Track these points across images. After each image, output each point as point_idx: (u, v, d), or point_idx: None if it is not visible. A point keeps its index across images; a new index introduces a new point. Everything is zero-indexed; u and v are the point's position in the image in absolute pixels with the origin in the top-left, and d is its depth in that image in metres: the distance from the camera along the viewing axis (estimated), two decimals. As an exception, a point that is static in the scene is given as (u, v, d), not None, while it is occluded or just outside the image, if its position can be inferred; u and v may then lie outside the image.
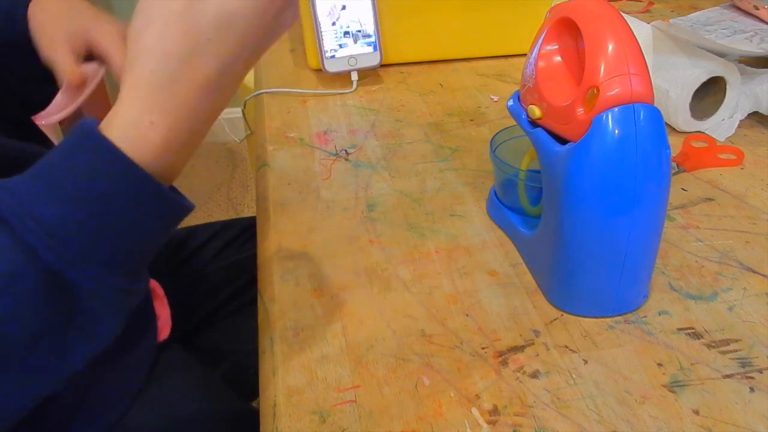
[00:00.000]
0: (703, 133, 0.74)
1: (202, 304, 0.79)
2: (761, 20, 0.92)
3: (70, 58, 0.55)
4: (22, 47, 0.58)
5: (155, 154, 0.36)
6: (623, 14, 0.46)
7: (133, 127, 0.36)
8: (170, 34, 0.36)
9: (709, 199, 0.63)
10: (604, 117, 0.43)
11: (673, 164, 0.68)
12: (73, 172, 0.35)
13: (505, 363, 0.47)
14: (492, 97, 0.84)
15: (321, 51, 0.87)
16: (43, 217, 0.33)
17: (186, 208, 0.38)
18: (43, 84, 0.59)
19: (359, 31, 0.88)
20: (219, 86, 0.38)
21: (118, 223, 0.35)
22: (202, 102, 0.37)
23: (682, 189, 0.65)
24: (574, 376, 0.46)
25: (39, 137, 0.61)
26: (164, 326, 0.64)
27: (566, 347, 0.48)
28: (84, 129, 0.36)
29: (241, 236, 0.86)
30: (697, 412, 0.43)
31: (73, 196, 0.34)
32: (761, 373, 0.46)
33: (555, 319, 0.50)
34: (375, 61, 0.90)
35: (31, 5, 0.57)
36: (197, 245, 0.83)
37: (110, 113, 0.37)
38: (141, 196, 0.36)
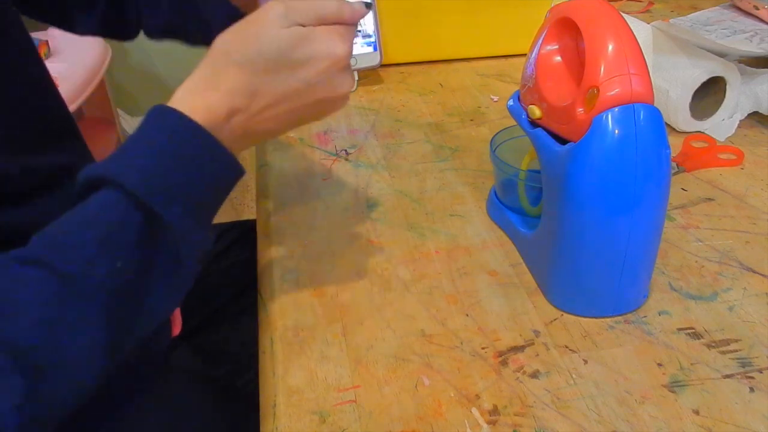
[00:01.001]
0: (703, 133, 0.74)
1: (204, 304, 0.79)
2: (761, 20, 0.92)
3: None
4: None
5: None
6: (623, 14, 0.46)
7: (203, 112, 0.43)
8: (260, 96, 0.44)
9: (709, 199, 0.63)
10: (604, 117, 0.43)
11: (673, 164, 0.68)
12: (158, 138, 0.41)
13: (505, 363, 0.47)
14: (492, 97, 0.84)
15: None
16: (142, 167, 0.40)
17: (240, 170, 0.44)
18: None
19: (359, 31, 0.88)
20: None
21: (193, 174, 0.41)
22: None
23: (682, 189, 0.65)
24: (574, 376, 0.46)
25: (72, 149, 0.63)
26: (176, 322, 0.64)
27: (566, 347, 0.48)
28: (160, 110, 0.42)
29: (243, 238, 0.86)
30: (697, 412, 0.43)
31: (163, 152, 0.41)
32: (761, 373, 0.46)
33: (555, 319, 0.50)
34: (375, 61, 0.90)
35: None
36: None
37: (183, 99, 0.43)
38: (211, 154, 0.42)
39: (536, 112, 0.49)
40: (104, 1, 0.69)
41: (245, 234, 0.87)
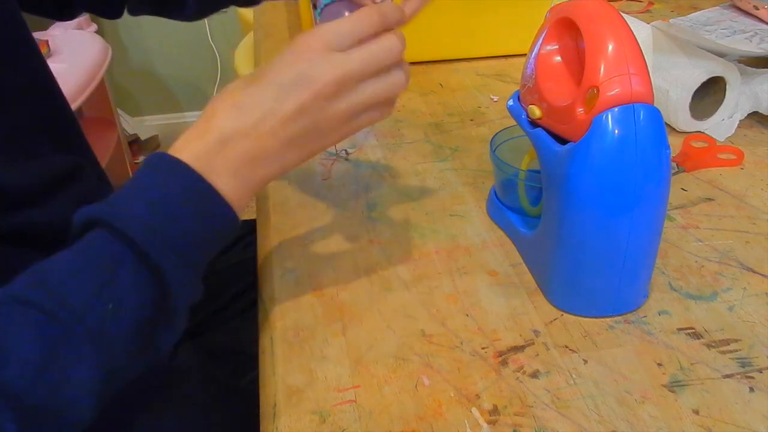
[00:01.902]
0: (703, 133, 0.74)
1: (205, 304, 0.79)
2: (761, 20, 0.92)
3: None
4: None
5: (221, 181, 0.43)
6: (623, 14, 0.46)
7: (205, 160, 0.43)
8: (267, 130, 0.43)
9: (709, 199, 0.63)
10: (604, 117, 0.43)
11: (673, 164, 0.68)
12: (160, 188, 0.41)
13: (505, 363, 0.47)
14: (492, 97, 0.84)
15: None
16: (139, 214, 0.40)
17: (236, 222, 0.44)
18: None
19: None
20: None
21: (191, 224, 0.41)
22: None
23: (682, 189, 0.65)
24: (574, 376, 0.46)
25: (78, 149, 0.64)
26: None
27: (566, 347, 0.48)
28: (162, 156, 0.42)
29: (245, 237, 0.86)
30: (697, 412, 0.43)
31: (158, 201, 0.41)
32: (761, 373, 0.46)
33: (555, 319, 0.50)
34: (375, 61, 0.90)
35: None
36: None
37: (186, 142, 0.43)
38: (208, 207, 0.42)
39: (536, 112, 0.49)
40: None
41: (248, 234, 0.87)
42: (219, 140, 0.42)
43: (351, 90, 0.43)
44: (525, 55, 0.52)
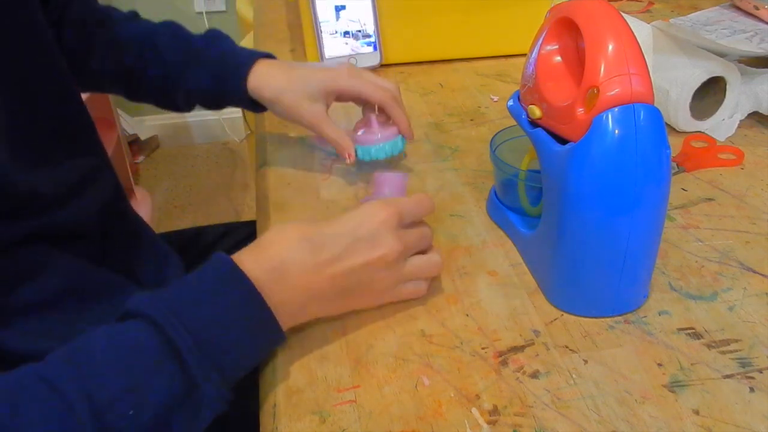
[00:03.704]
0: (703, 133, 0.74)
1: None
2: (761, 20, 0.92)
3: (338, 132, 0.66)
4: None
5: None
6: (623, 14, 0.46)
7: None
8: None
9: (709, 199, 0.63)
10: (604, 117, 0.43)
11: (673, 164, 0.68)
12: (220, 300, 0.43)
13: (505, 363, 0.47)
14: (492, 97, 0.84)
15: (321, 51, 0.87)
16: (194, 328, 0.41)
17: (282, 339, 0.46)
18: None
19: (359, 31, 0.88)
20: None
21: (238, 339, 0.43)
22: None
23: (682, 189, 0.65)
24: (574, 376, 0.46)
25: (96, 150, 0.65)
26: None
27: (566, 347, 0.48)
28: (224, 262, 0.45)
29: (250, 238, 0.86)
30: (697, 412, 0.43)
31: (215, 315, 0.42)
32: (761, 373, 0.46)
33: (555, 319, 0.50)
34: (375, 61, 0.90)
35: (251, 77, 0.67)
36: (207, 244, 0.84)
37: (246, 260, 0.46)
38: (262, 324, 0.44)
39: (536, 112, 0.49)
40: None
41: (249, 236, 0.87)
42: (280, 268, 0.45)
43: (403, 261, 0.49)
44: (525, 55, 0.52)
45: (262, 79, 0.67)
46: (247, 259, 0.45)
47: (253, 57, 0.68)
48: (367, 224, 0.48)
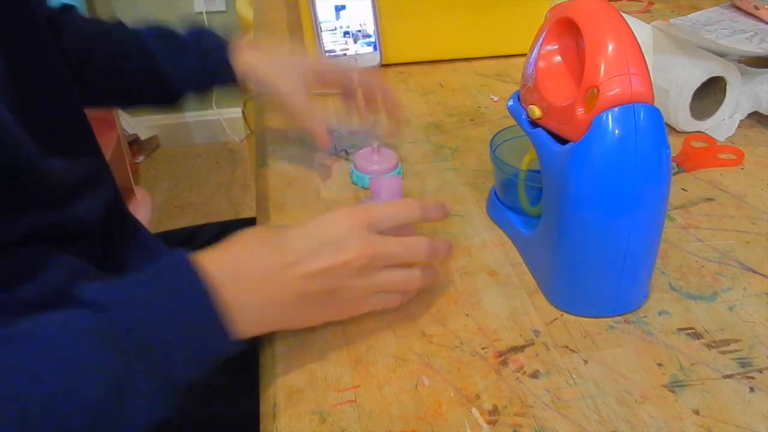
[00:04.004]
0: (703, 133, 0.74)
1: None
2: (761, 20, 0.92)
3: (322, 126, 0.66)
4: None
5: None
6: (623, 14, 0.46)
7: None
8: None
9: (709, 199, 0.63)
10: (604, 117, 0.43)
11: (673, 164, 0.68)
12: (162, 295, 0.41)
13: (505, 363, 0.47)
14: (492, 97, 0.84)
15: (321, 51, 0.87)
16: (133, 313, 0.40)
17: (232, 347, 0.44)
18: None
19: (359, 31, 0.88)
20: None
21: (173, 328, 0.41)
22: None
23: (682, 189, 0.65)
24: (574, 376, 0.46)
25: (95, 151, 0.65)
26: None
27: (566, 347, 0.48)
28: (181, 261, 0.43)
29: None
30: (697, 412, 0.43)
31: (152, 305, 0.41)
32: (761, 373, 0.46)
33: (555, 319, 0.50)
34: (375, 61, 0.90)
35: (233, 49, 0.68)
36: (204, 242, 0.84)
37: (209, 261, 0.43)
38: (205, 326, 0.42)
39: (536, 112, 0.49)
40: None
41: None
42: (238, 268, 0.44)
43: (374, 270, 0.46)
44: (525, 55, 0.51)
45: (244, 50, 0.69)
46: (206, 258, 0.43)
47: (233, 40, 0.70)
48: (334, 228, 0.46)
